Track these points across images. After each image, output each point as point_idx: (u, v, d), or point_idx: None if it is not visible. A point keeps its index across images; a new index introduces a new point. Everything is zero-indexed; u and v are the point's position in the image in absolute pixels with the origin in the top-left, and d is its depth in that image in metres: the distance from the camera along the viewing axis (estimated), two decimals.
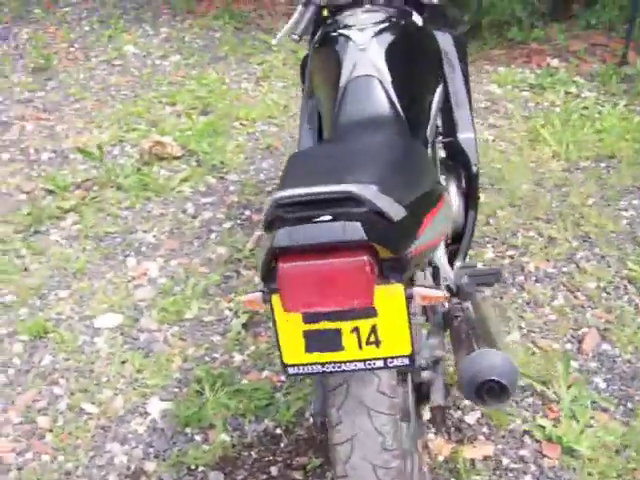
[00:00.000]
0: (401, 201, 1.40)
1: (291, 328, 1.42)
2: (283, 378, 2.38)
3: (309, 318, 1.40)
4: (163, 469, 2.11)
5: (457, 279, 2.06)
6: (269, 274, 1.35)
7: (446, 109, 2.40)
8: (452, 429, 2.22)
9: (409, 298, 1.39)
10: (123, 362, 2.47)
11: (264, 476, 2.09)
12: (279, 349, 1.44)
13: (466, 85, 2.52)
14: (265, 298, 1.41)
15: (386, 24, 2.12)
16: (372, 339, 1.41)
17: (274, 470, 2.11)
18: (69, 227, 3.21)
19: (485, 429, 2.23)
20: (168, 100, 4.31)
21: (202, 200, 3.41)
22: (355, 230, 1.26)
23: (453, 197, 2.36)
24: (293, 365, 1.45)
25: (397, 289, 1.37)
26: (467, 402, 2.30)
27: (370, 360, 1.43)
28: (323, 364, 1.44)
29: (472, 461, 2.12)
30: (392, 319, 1.39)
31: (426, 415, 2.12)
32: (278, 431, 2.23)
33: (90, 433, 2.23)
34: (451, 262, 2.39)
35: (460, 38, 2.62)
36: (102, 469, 2.12)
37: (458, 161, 2.36)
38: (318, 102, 2.22)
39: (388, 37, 2.06)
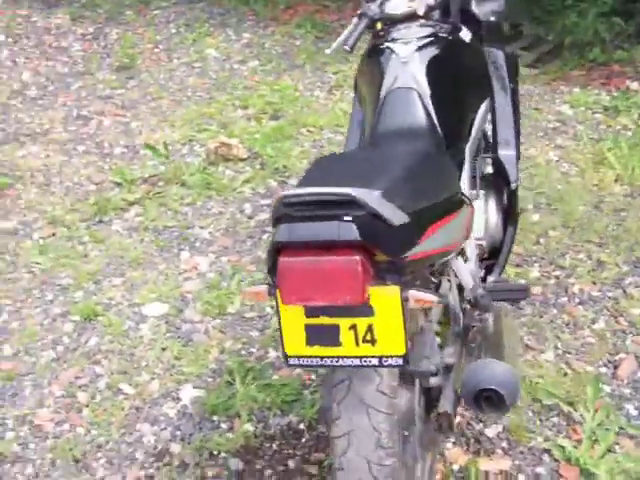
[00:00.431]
0: (404, 208, 1.47)
1: (294, 321, 1.51)
2: (313, 377, 2.47)
3: (310, 312, 1.49)
4: (187, 452, 2.23)
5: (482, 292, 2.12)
6: (274, 268, 1.45)
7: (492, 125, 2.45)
8: (471, 440, 2.26)
9: (405, 300, 1.46)
10: (163, 349, 2.61)
11: (281, 468, 2.18)
12: (281, 340, 1.53)
13: (513, 103, 2.56)
14: (270, 291, 1.51)
15: (431, 39, 2.18)
16: (368, 337, 1.48)
17: (292, 463, 2.19)
18: (131, 219, 3.40)
19: (504, 444, 2.25)
20: (240, 103, 4.48)
21: (261, 202, 3.54)
22: (350, 230, 1.34)
23: (492, 212, 2.41)
24: (294, 356, 1.54)
25: (393, 291, 1.44)
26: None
27: (366, 357, 1.50)
28: (322, 358, 1.52)
29: (486, 473, 2.15)
30: (388, 319, 1.46)
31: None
32: (301, 426, 2.32)
33: (124, 412, 2.37)
34: (487, 276, 2.44)
35: (513, 56, 2.67)
36: (130, 446, 2.26)
37: (499, 177, 2.40)
38: (364, 110, 2.31)
39: (431, 51, 2.13)
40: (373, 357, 1.50)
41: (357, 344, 1.50)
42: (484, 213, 2.37)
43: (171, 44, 5.46)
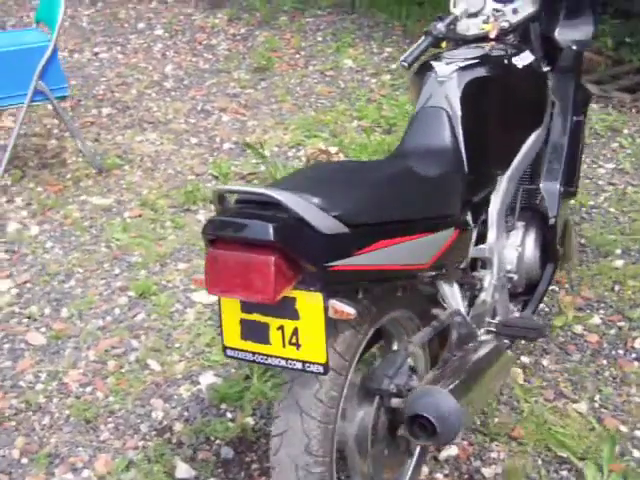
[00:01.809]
0: (345, 218, 1.49)
1: (231, 313, 1.59)
2: None
3: (245, 308, 1.56)
4: (186, 432, 2.35)
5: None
6: None
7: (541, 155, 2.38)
8: (465, 476, 2.21)
9: (326, 309, 1.48)
10: (199, 334, 2.76)
11: (268, 464, 2.24)
12: (221, 330, 1.61)
13: (574, 137, 2.47)
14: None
15: (476, 61, 2.17)
16: (294, 340, 1.53)
17: None
18: None
19: None
20: (358, 114, 4.58)
21: None
22: (266, 231, 1.40)
23: (529, 246, 2.35)
24: (230, 348, 1.61)
25: (316, 297, 1.48)
26: (492, 455, 2.27)
27: (291, 360, 1.55)
28: (253, 353, 1.59)
29: None
30: (310, 325, 1.50)
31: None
32: None
33: (144, 386, 2.54)
34: (522, 311, 2.37)
35: (584, 89, 2.57)
36: (139, 417, 2.42)
37: (539, 211, 2.33)
38: None
39: (471, 73, 2.12)
40: (297, 361, 1.55)
41: (284, 345, 1.55)
42: (519, 246, 2.32)
43: (313, 51, 5.65)
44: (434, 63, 2.19)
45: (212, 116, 4.59)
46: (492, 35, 2.48)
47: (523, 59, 2.31)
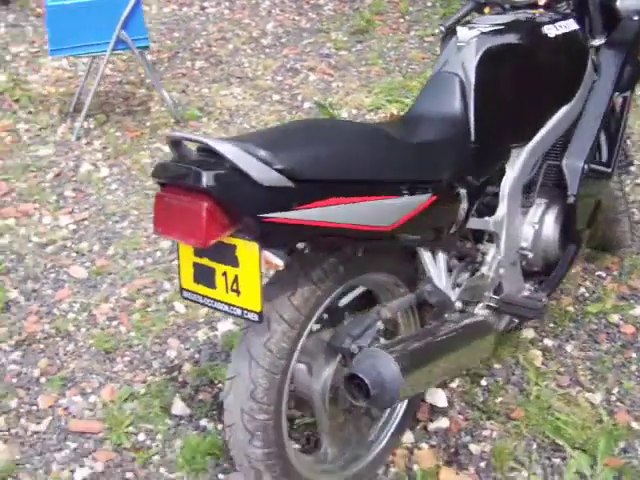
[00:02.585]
0: (289, 172, 1.49)
1: (186, 257, 1.65)
2: None
3: (197, 252, 1.62)
4: (192, 372, 2.45)
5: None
6: None
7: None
8: (451, 449, 2.18)
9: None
10: None
11: None
12: (179, 273, 1.68)
13: (615, 114, 2.34)
14: None
15: (500, 27, 2.09)
16: (235, 287, 1.57)
17: None
18: None
19: (483, 464, 2.14)
20: None
21: None
22: (198, 178, 1.44)
23: (548, 225, 2.27)
24: (186, 290, 1.68)
25: (252, 247, 1.51)
26: (484, 432, 2.23)
27: (232, 306, 1.59)
28: (203, 296, 1.65)
29: None
30: (248, 273, 1.54)
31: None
32: None
33: (165, 326, 2.66)
34: (537, 291, 2.30)
35: (637, 64, 2.41)
36: (154, 354, 2.54)
37: (559, 188, 2.23)
38: None
39: (494, 40, 2.05)
40: (237, 307, 1.59)
41: (227, 291, 1.59)
42: (537, 223, 2.23)
43: (419, 16, 5.56)
44: (458, 28, 2.13)
45: (299, 75, 4.64)
46: (541, 2, 2.38)
47: (560, 28, 2.20)
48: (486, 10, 2.43)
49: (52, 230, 3.19)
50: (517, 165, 2.16)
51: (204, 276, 1.63)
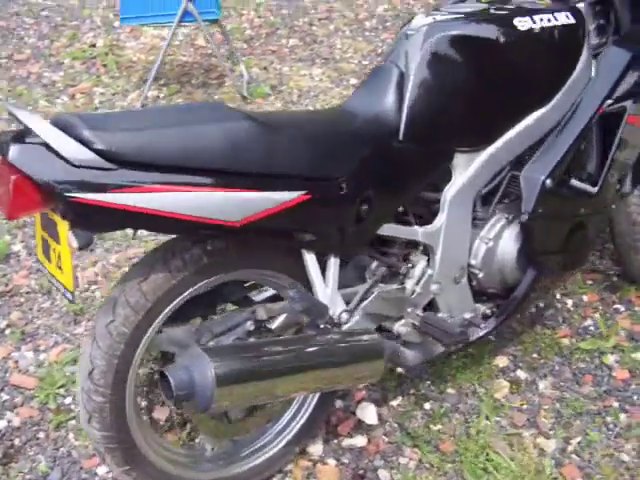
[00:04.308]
0: (110, 154, 1.41)
1: (38, 229, 1.63)
2: None
3: (42, 225, 1.60)
4: None
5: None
6: None
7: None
8: (360, 471, 2.03)
9: None
10: None
11: None
12: (36, 245, 1.68)
13: (608, 125, 2.05)
14: None
15: (460, 16, 1.90)
16: (59, 264, 1.54)
17: None
18: None
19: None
20: None
21: None
22: (6, 150, 1.40)
23: (504, 242, 2.04)
24: (40, 262, 1.67)
25: (63, 225, 1.46)
26: (402, 460, 2.05)
27: (59, 282, 1.56)
28: (46, 269, 1.63)
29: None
30: (64, 251, 1.50)
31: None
32: None
33: None
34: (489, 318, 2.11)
35: None
36: None
37: (517, 202, 2.00)
38: None
39: (446, 29, 1.87)
40: (61, 284, 1.56)
41: (56, 267, 1.56)
42: (491, 240, 2.02)
43: None
44: (417, 15, 1.96)
45: None
46: None
47: (540, 21, 1.95)
48: None
49: None
50: (468, 172, 1.95)
51: (45, 250, 1.61)
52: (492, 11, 1.94)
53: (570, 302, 2.60)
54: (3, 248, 2.90)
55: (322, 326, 1.76)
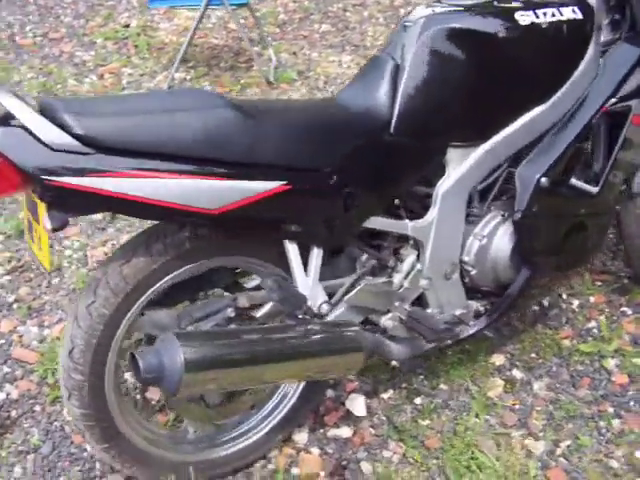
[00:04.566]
0: (89, 139, 1.43)
1: (25, 210, 1.66)
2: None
3: (27, 206, 1.63)
4: None
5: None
6: None
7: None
8: (343, 462, 2.04)
9: None
10: None
11: None
12: (24, 225, 1.71)
13: (613, 124, 2.00)
14: None
15: (460, 8, 1.88)
16: (40, 245, 1.57)
17: None
18: None
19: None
20: None
21: None
22: None
23: (498, 240, 2.02)
24: (26, 241, 1.70)
25: (42, 207, 1.49)
26: (385, 453, 2.05)
27: (40, 262, 1.60)
28: (31, 250, 1.66)
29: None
30: (42, 232, 1.53)
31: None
32: None
33: None
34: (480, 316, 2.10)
35: None
36: None
37: (512, 199, 1.97)
38: None
39: (444, 22, 1.84)
40: (40, 263, 1.59)
41: (37, 247, 1.60)
42: (485, 237, 2.00)
43: None
44: (419, 7, 1.94)
45: None
46: None
47: (543, 16, 1.91)
48: None
49: None
50: (462, 168, 1.92)
51: (30, 229, 1.65)
52: (495, 4, 1.91)
53: (576, 302, 2.56)
54: (18, 224, 2.97)
55: (300, 316, 1.76)
